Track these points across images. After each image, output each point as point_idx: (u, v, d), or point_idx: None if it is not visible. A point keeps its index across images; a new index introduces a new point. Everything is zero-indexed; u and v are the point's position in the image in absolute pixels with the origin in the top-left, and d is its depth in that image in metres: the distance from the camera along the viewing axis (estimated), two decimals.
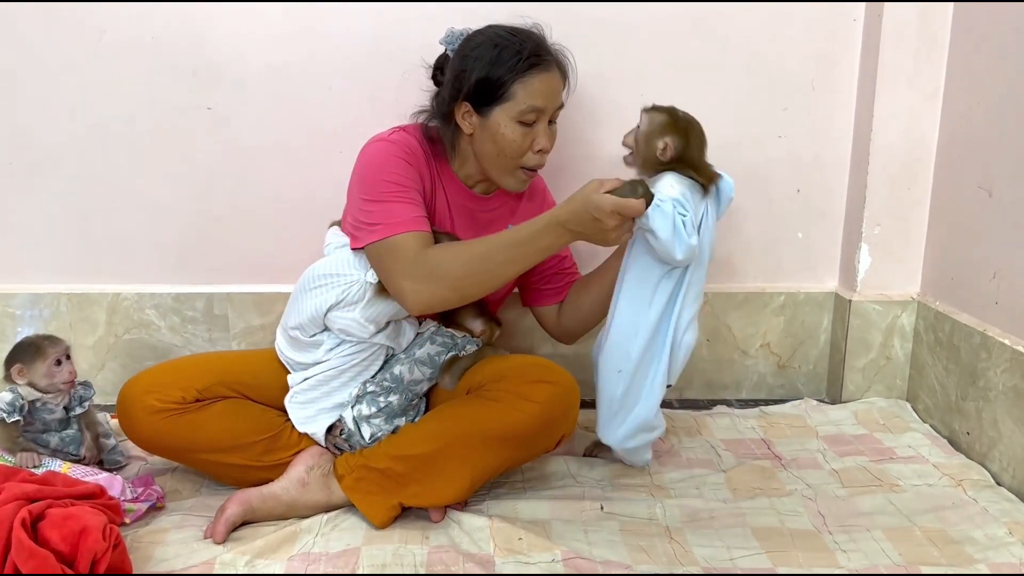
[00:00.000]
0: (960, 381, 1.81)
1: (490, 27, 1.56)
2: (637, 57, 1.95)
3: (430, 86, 1.71)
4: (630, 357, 1.56)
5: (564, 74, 1.57)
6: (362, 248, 1.50)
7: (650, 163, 1.52)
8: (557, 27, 1.65)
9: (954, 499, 1.58)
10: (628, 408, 1.60)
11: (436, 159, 1.61)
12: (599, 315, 1.69)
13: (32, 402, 1.52)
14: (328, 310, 1.52)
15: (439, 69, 1.62)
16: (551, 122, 1.57)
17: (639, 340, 1.54)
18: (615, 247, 1.60)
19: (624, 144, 1.57)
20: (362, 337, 1.53)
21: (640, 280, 1.54)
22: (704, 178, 1.50)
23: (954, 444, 1.81)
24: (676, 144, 1.49)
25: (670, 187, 1.46)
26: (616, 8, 1.92)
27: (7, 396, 1.50)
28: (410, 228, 1.46)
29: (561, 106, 1.58)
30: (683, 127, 1.51)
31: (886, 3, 1.88)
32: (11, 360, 1.54)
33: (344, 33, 1.90)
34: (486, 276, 1.43)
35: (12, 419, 1.47)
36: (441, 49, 1.62)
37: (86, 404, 1.59)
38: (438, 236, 1.54)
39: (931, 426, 1.91)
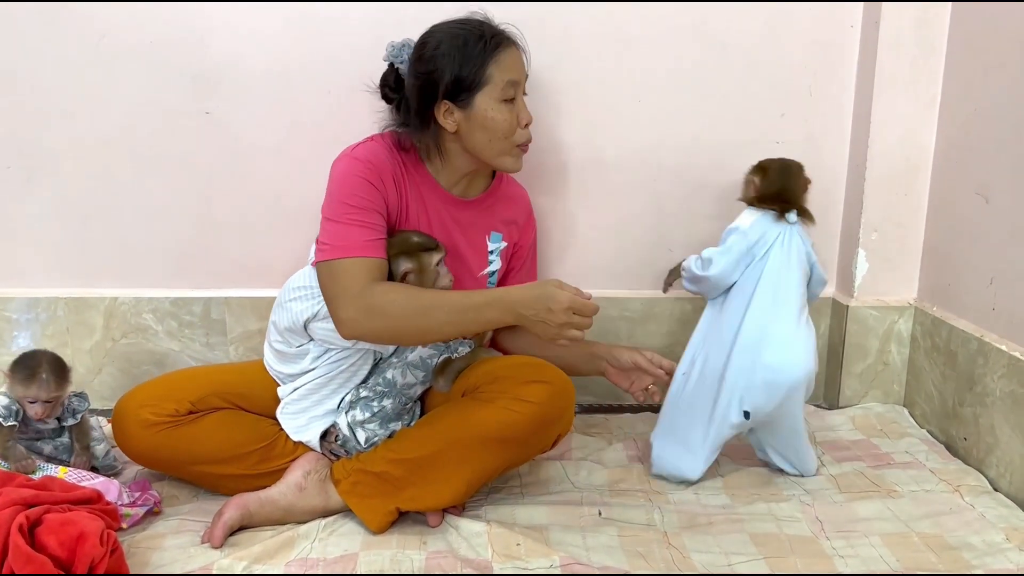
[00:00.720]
0: (957, 387, 1.81)
1: (437, 26, 1.55)
2: (636, 62, 1.95)
3: None
4: (693, 362, 1.67)
5: (521, 47, 1.57)
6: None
7: (748, 199, 1.73)
8: (556, 32, 1.66)
9: (951, 505, 1.58)
10: (672, 415, 1.67)
11: (410, 166, 1.60)
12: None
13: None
14: (307, 321, 1.53)
15: (388, 85, 1.59)
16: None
17: (700, 349, 1.67)
18: None
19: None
20: (345, 345, 1.53)
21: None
22: (777, 205, 1.67)
23: (951, 450, 1.81)
24: (758, 182, 1.72)
25: (743, 219, 1.67)
26: (615, 14, 1.92)
27: (3, 400, 1.49)
28: (358, 254, 1.45)
29: (527, 77, 1.59)
30: (764, 167, 1.74)
31: (884, 4, 1.88)
32: (12, 366, 1.52)
33: (343, 38, 1.90)
34: (422, 330, 1.44)
35: (8, 423, 1.47)
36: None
37: (79, 416, 1.57)
38: (415, 236, 1.55)
39: (928, 432, 1.91)
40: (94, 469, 1.58)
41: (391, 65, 1.58)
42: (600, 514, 1.53)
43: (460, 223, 1.65)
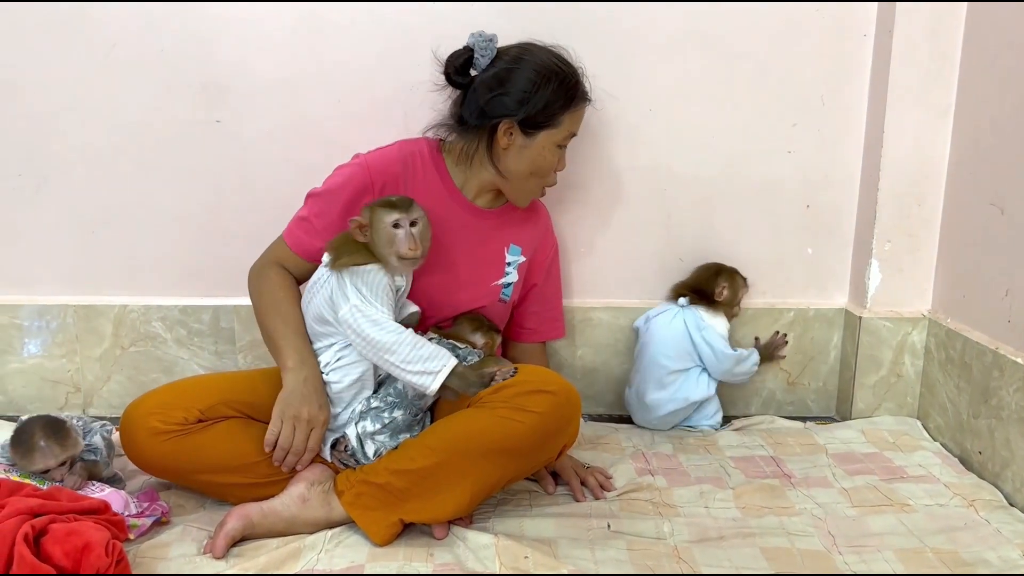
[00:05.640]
0: (972, 399, 1.79)
1: (534, 49, 1.61)
2: (646, 73, 1.94)
3: (438, 101, 1.70)
4: None
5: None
6: None
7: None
8: (566, 43, 1.65)
9: (966, 520, 1.56)
10: None
11: (433, 171, 1.65)
12: None
13: None
14: (332, 313, 1.51)
15: (454, 66, 1.62)
16: None
17: None
18: None
19: None
20: (379, 320, 1.47)
21: None
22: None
23: (966, 463, 1.79)
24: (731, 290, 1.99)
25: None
26: (624, 24, 1.91)
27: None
28: (290, 244, 1.65)
29: None
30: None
31: (897, 13, 1.86)
32: (10, 443, 1.47)
33: (352, 47, 1.90)
34: (256, 317, 1.65)
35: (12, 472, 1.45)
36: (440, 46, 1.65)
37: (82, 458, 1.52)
38: (388, 197, 1.54)
39: (942, 445, 1.89)
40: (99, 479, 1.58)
41: (467, 49, 1.62)
42: (609, 527, 1.52)
43: (479, 232, 1.68)
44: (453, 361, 1.47)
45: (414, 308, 1.61)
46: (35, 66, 1.89)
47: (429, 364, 1.46)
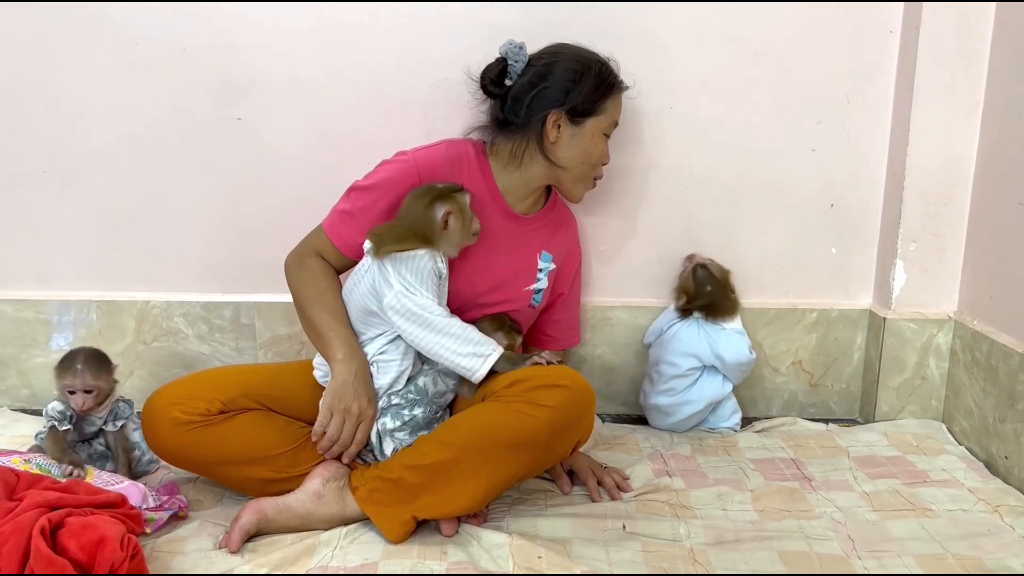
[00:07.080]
0: (998, 403, 1.76)
1: (568, 46, 1.66)
2: (668, 71, 1.93)
3: (458, 98, 1.71)
4: None
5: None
6: None
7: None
8: (586, 37, 1.64)
9: (990, 525, 1.53)
10: None
11: (477, 174, 1.65)
12: None
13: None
14: (377, 303, 1.52)
15: (490, 77, 1.64)
16: None
17: None
18: None
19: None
20: (426, 305, 1.48)
21: None
22: None
23: (991, 468, 1.76)
24: None
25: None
26: (646, 20, 1.90)
27: (59, 405, 1.54)
28: (331, 237, 1.63)
29: None
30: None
31: (924, 9, 1.84)
32: (58, 362, 1.59)
33: (372, 45, 1.90)
34: (298, 308, 1.64)
35: (63, 427, 1.52)
36: (477, 61, 1.65)
37: (119, 424, 1.61)
38: (438, 184, 1.56)
39: (967, 449, 1.85)
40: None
41: (500, 60, 1.64)
42: (624, 528, 1.51)
43: (516, 237, 1.69)
44: (500, 347, 1.51)
45: None
46: (58, 66, 1.91)
47: (480, 347, 1.49)
